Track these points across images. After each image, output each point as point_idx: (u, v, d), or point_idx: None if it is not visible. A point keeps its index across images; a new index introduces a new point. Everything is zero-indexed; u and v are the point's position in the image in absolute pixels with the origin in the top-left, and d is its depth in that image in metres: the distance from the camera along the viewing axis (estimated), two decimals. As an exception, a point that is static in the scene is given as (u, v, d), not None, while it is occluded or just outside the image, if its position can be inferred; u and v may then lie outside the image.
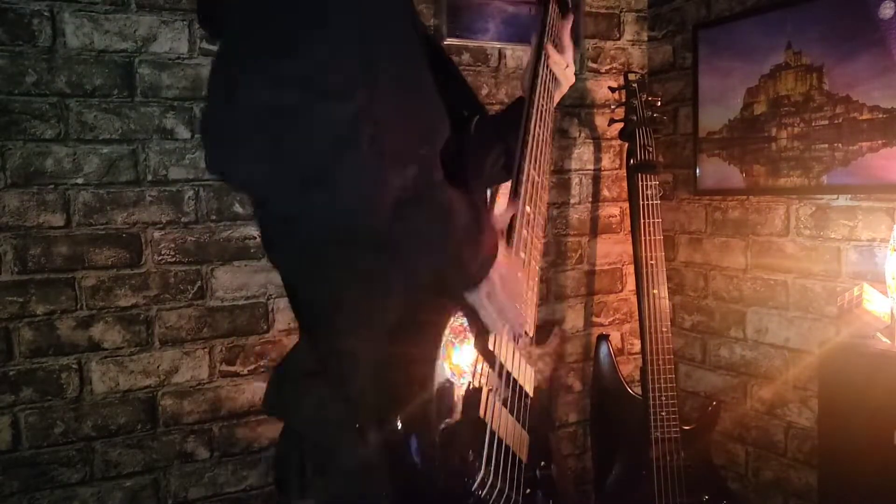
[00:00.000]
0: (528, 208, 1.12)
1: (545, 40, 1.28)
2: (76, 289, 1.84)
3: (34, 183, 1.79)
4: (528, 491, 1.03)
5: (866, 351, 1.72)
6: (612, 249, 2.66)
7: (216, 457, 2.03)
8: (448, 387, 0.92)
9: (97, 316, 1.87)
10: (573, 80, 1.32)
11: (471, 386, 0.95)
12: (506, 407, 1.01)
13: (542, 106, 1.22)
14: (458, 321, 0.98)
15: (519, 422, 1.03)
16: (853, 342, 1.76)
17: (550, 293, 2.55)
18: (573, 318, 2.60)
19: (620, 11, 2.61)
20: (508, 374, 1.02)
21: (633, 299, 2.50)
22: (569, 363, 2.61)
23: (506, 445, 0.98)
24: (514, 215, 1.10)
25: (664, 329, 2.13)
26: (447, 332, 0.95)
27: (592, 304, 2.63)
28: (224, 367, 2.02)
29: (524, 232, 1.11)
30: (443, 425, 0.90)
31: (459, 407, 0.93)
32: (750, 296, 2.35)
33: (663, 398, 2.11)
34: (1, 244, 1.77)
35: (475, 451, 0.92)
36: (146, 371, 1.93)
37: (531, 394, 1.08)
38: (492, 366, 0.99)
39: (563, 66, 1.29)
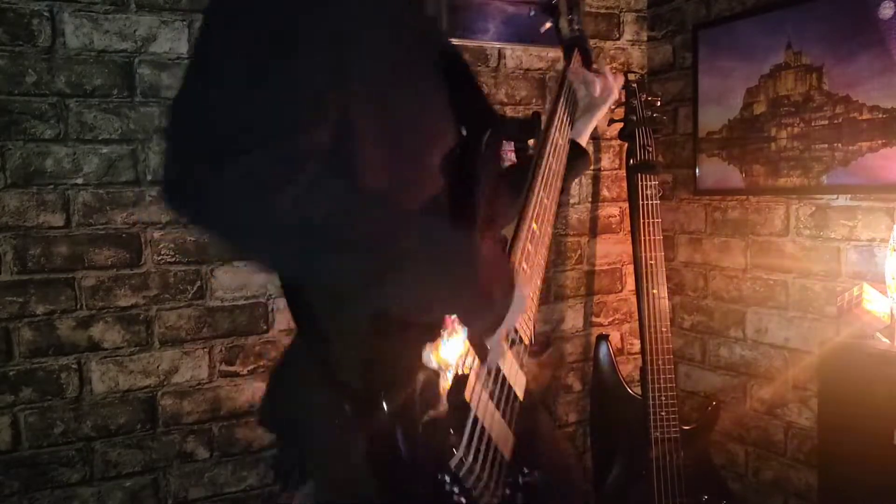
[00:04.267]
0: (534, 225, 1.13)
1: (565, 84, 1.33)
2: (76, 289, 1.84)
3: (34, 183, 1.79)
4: (508, 492, 1.02)
5: (866, 351, 1.72)
6: (612, 249, 2.66)
7: (216, 457, 2.02)
8: (433, 378, 0.92)
9: (97, 316, 1.87)
10: (608, 102, 1.41)
11: (459, 372, 0.95)
12: (493, 400, 1.00)
13: (558, 141, 1.25)
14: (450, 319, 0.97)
15: (504, 419, 1.03)
16: (853, 342, 1.76)
17: (550, 293, 2.55)
18: (573, 318, 2.60)
19: (620, 11, 2.61)
20: (499, 370, 1.02)
21: (633, 299, 2.50)
22: (569, 363, 2.61)
23: (489, 436, 0.98)
24: (518, 227, 1.11)
25: (664, 329, 2.13)
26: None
27: (592, 304, 2.63)
28: (224, 367, 2.02)
29: (528, 246, 1.11)
30: (427, 414, 0.89)
31: (443, 399, 0.92)
32: (750, 296, 2.35)
33: (663, 398, 2.11)
34: (1, 244, 1.77)
35: (457, 432, 0.92)
36: (146, 371, 1.93)
37: (521, 396, 1.07)
38: (483, 360, 0.99)
39: (595, 92, 1.36)
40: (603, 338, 2.29)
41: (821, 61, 2.06)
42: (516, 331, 1.07)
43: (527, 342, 1.11)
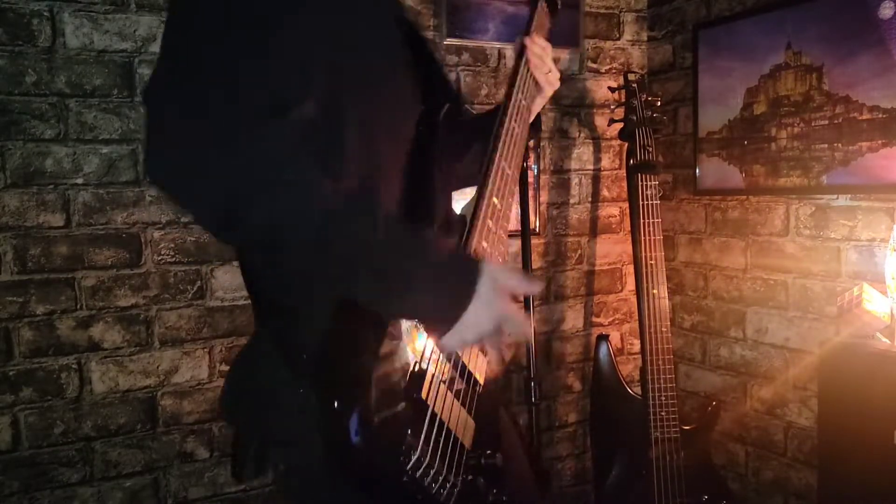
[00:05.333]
0: (495, 199, 1.12)
1: (528, 41, 1.28)
2: (76, 289, 1.84)
3: (34, 183, 1.79)
4: (469, 477, 1.02)
5: (866, 351, 1.72)
6: (612, 249, 2.66)
7: (216, 457, 2.02)
8: (396, 378, 0.92)
9: (97, 316, 1.87)
10: (557, 84, 1.31)
11: (416, 367, 0.94)
12: (451, 391, 1.00)
13: (521, 102, 1.22)
14: None
15: (465, 407, 1.03)
16: (853, 342, 1.76)
17: (550, 293, 2.55)
18: (573, 318, 2.60)
19: (620, 11, 2.61)
20: (458, 357, 1.02)
21: (633, 299, 2.50)
22: (569, 363, 2.61)
23: (447, 429, 0.98)
24: (478, 205, 1.09)
25: (664, 329, 2.13)
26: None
27: (592, 304, 2.63)
28: (224, 367, 2.02)
29: (489, 223, 1.10)
30: (382, 406, 0.89)
31: (401, 403, 0.93)
32: (750, 296, 2.35)
33: (663, 398, 2.11)
34: (1, 244, 1.77)
35: (414, 432, 0.92)
36: (146, 371, 1.93)
37: (481, 382, 1.08)
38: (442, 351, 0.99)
39: (544, 71, 1.28)
40: (603, 338, 2.29)
41: (821, 61, 2.06)
42: None
43: None
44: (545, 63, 1.27)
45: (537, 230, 2.48)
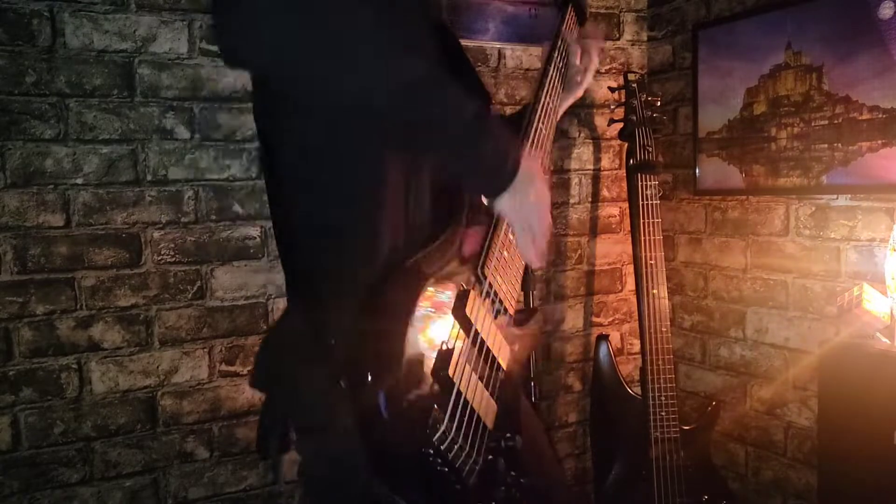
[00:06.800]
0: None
1: (559, 42, 1.32)
2: (76, 289, 1.84)
3: (34, 183, 1.79)
4: (490, 457, 1.05)
5: (866, 351, 1.72)
6: (612, 249, 2.66)
7: (216, 457, 2.02)
8: (420, 358, 0.94)
9: (97, 316, 1.87)
10: (585, 85, 1.37)
11: (443, 346, 0.96)
12: (476, 372, 1.02)
13: (548, 105, 1.26)
14: (439, 295, 0.99)
15: (487, 389, 1.05)
16: (853, 342, 1.76)
17: (550, 293, 2.55)
18: (573, 318, 2.60)
19: (620, 11, 2.61)
20: (483, 341, 1.04)
21: (633, 299, 2.50)
22: (569, 363, 2.61)
23: (471, 408, 1.00)
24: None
25: (664, 329, 2.13)
26: (427, 303, 0.97)
27: (592, 304, 2.63)
28: (224, 367, 2.02)
29: None
30: (412, 391, 0.92)
31: (428, 375, 0.95)
32: (750, 296, 2.35)
33: (663, 398, 2.11)
34: (1, 244, 1.77)
35: (440, 406, 0.94)
36: (146, 371, 1.93)
37: (504, 366, 1.09)
38: (467, 332, 1.00)
39: (580, 70, 1.34)
40: (603, 338, 2.29)
41: (821, 61, 2.06)
42: (501, 301, 1.09)
43: (511, 312, 1.13)
44: (581, 64, 1.35)
45: (537, 230, 2.48)
